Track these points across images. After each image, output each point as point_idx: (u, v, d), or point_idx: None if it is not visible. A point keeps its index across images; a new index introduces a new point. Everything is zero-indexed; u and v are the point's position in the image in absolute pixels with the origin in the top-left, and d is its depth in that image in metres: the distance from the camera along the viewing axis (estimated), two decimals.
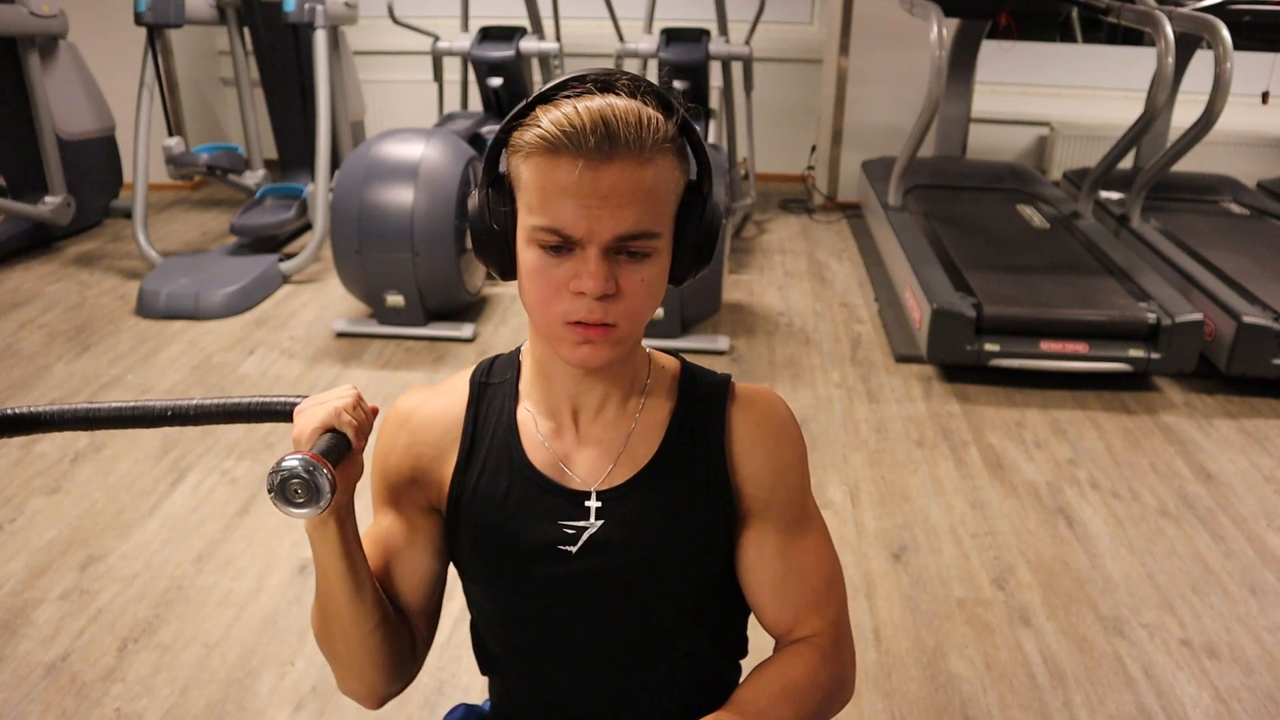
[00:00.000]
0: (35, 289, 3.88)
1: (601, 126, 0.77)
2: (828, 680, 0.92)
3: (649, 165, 0.79)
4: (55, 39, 4.25)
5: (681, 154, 0.83)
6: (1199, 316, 3.07)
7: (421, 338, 3.43)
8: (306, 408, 0.85)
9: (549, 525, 0.90)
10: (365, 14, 4.87)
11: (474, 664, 1.88)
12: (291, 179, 4.85)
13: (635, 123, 0.78)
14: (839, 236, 4.81)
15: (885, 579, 2.19)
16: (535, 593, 0.92)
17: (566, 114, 0.78)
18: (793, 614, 0.94)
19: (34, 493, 2.47)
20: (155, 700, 1.81)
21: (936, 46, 3.69)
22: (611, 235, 0.78)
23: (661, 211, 0.81)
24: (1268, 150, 5.18)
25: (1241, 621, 2.07)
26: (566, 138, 0.77)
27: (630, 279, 0.80)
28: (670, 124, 0.81)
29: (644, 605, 0.92)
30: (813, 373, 3.25)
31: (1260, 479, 2.63)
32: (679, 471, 0.91)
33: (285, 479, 0.77)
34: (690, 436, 0.92)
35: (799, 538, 0.94)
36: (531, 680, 0.98)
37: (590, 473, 0.91)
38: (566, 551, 0.89)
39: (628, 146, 0.77)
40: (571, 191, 0.77)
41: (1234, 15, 3.69)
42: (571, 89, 0.80)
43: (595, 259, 0.78)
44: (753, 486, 0.92)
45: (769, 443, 0.93)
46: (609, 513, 0.90)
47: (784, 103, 5.54)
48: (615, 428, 0.91)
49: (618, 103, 0.79)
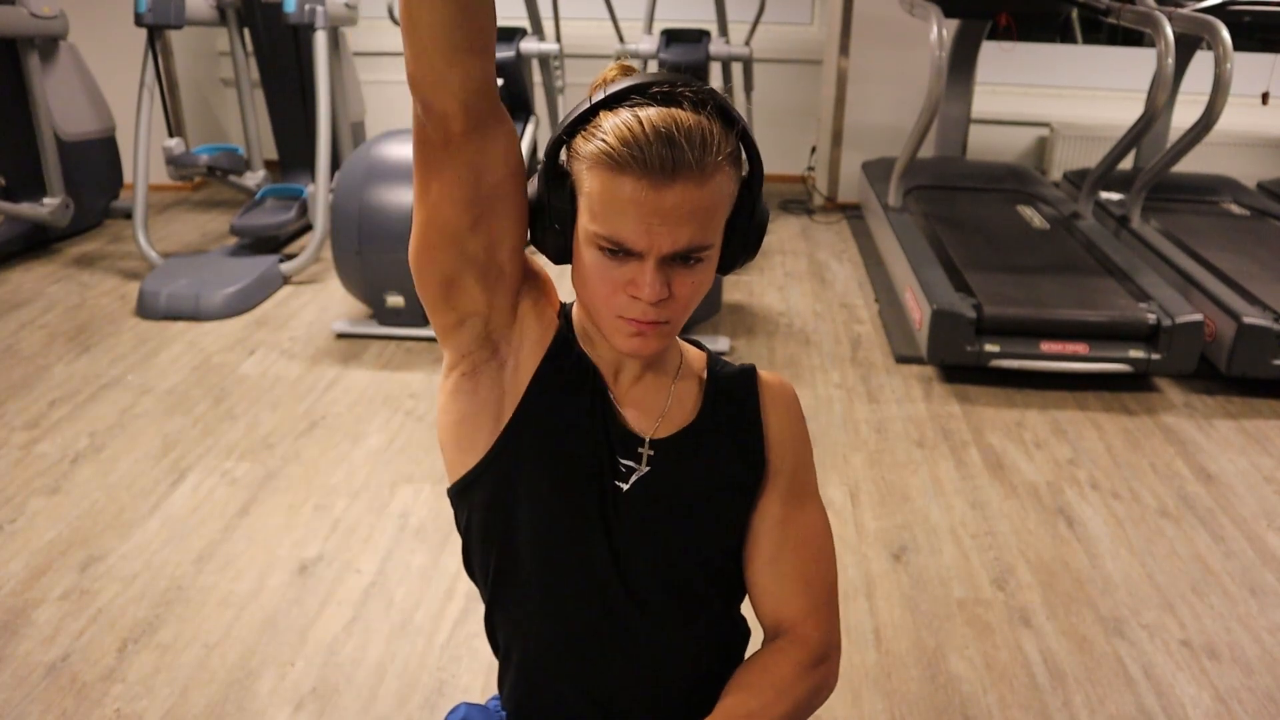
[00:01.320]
0: (36, 289, 3.88)
1: (666, 148, 0.78)
2: (812, 667, 0.95)
3: (709, 183, 0.81)
4: (55, 40, 4.25)
5: (737, 160, 0.85)
6: (1199, 317, 3.08)
7: (421, 338, 3.43)
8: None
9: (607, 453, 0.93)
10: (365, 15, 4.87)
11: (474, 664, 1.89)
12: (292, 180, 4.85)
13: (700, 142, 0.79)
14: (839, 237, 4.81)
15: (885, 579, 2.19)
16: (579, 511, 0.92)
17: (632, 129, 0.79)
18: (780, 587, 0.97)
19: (34, 493, 2.47)
20: (155, 700, 1.81)
21: (936, 47, 3.69)
22: (669, 250, 0.82)
23: (717, 224, 0.85)
24: (1268, 151, 5.18)
25: (1241, 622, 2.07)
26: (632, 157, 0.78)
27: (683, 283, 0.85)
28: (731, 137, 0.83)
29: (676, 560, 0.94)
30: (813, 373, 3.25)
31: (1260, 479, 2.63)
32: (720, 434, 0.97)
33: None
34: (727, 401, 0.98)
35: (798, 511, 0.99)
36: (551, 640, 0.97)
37: (639, 424, 0.95)
38: (619, 488, 0.93)
39: (690, 167, 0.79)
40: (633, 208, 0.80)
41: (1234, 16, 3.69)
42: (635, 97, 0.81)
43: (652, 269, 0.82)
44: (775, 455, 0.98)
45: (788, 416, 1.00)
46: (659, 460, 0.94)
47: (784, 103, 5.54)
48: (653, 393, 0.96)
49: (682, 118, 0.80)
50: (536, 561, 0.94)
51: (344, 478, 2.55)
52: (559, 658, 0.97)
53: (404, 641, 1.97)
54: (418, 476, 2.55)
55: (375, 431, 2.78)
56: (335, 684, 1.85)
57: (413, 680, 1.86)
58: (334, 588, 2.13)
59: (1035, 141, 5.43)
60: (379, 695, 1.83)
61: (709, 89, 0.82)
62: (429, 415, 2.86)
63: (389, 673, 1.89)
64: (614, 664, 0.96)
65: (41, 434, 2.75)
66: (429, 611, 2.06)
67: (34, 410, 2.89)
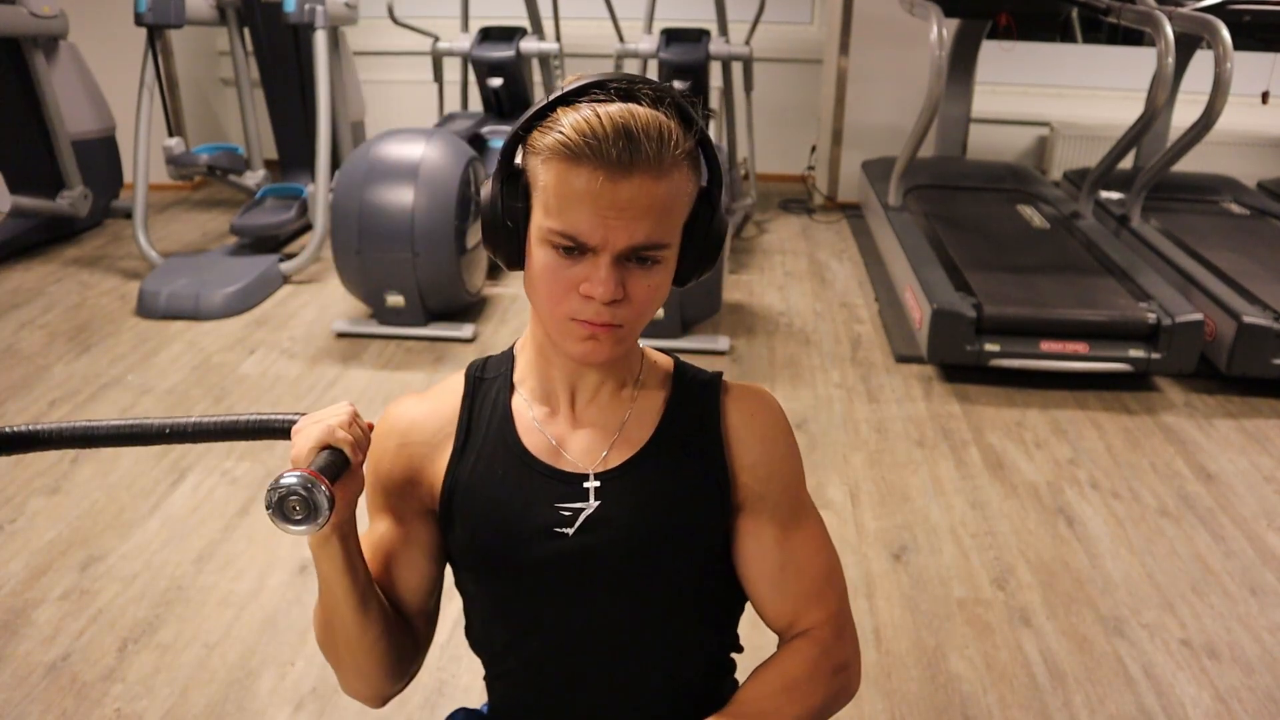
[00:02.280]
0: (36, 289, 3.88)
1: (624, 139, 0.77)
2: (830, 673, 0.93)
3: (666, 178, 0.80)
4: (55, 39, 4.25)
5: (696, 163, 0.84)
6: (1199, 316, 3.07)
7: (422, 338, 3.43)
8: (304, 426, 0.86)
9: (545, 509, 0.91)
10: (365, 14, 4.87)
11: (474, 664, 1.88)
12: (292, 179, 4.85)
13: (656, 136, 0.79)
14: (839, 237, 4.81)
15: (885, 579, 2.19)
16: (531, 577, 0.92)
17: (589, 121, 0.77)
18: (792, 606, 0.95)
19: (34, 493, 2.47)
20: (155, 700, 1.81)
21: (936, 46, 3.69)
22: (625, 245, 0.80)
23: (674, 222, 0.83)
24: (1268, 150, 5.18)
25: (1242, 621, 2.07)
26: (589, 147, 0.77)
27: (638, 284, 0.83)
28: (689, 137, 0.82)
29: (639, 588, 0.92)
30: (813, 373, 3.25)
31: (1260, 479, 2.63)
32: (675, 454, 0.92)
33: (283, 496, 0.78)
34: (685, 422, 0.93)
35: (796, 530, 0.95)
36: (529, 673, 0.98)
37: (586, 455, 0.92)
38: (563, 534, 0.90)
39: (647, 160, 0.78)
40: (589, 201, 0.78)
41: (1234, 15, 3.69)
42: (593, 94, 0.80)
43: (607, 266, 0.80)
44: (748, 476, 0.93)
45: (763, 434, 0.95)
46: (606, 493, 0.91)
47: (784, 103, 5.54)
48: (610, 412, 0.93)
49: (640, 112, 0.79)
50: (501, 619, 0.96)
51: None
52: (540, 688, 0.97)
53: None
54: None
55: None
56: (335, 684, 1.85)
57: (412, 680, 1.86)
58: None
59: (1035, 141, 5.43)
60: None
61: (668, 87, 0.82)
62: None
63: None
64: (596, 697, 0.96)
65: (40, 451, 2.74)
66: None
67: (34, 410, 2.88)
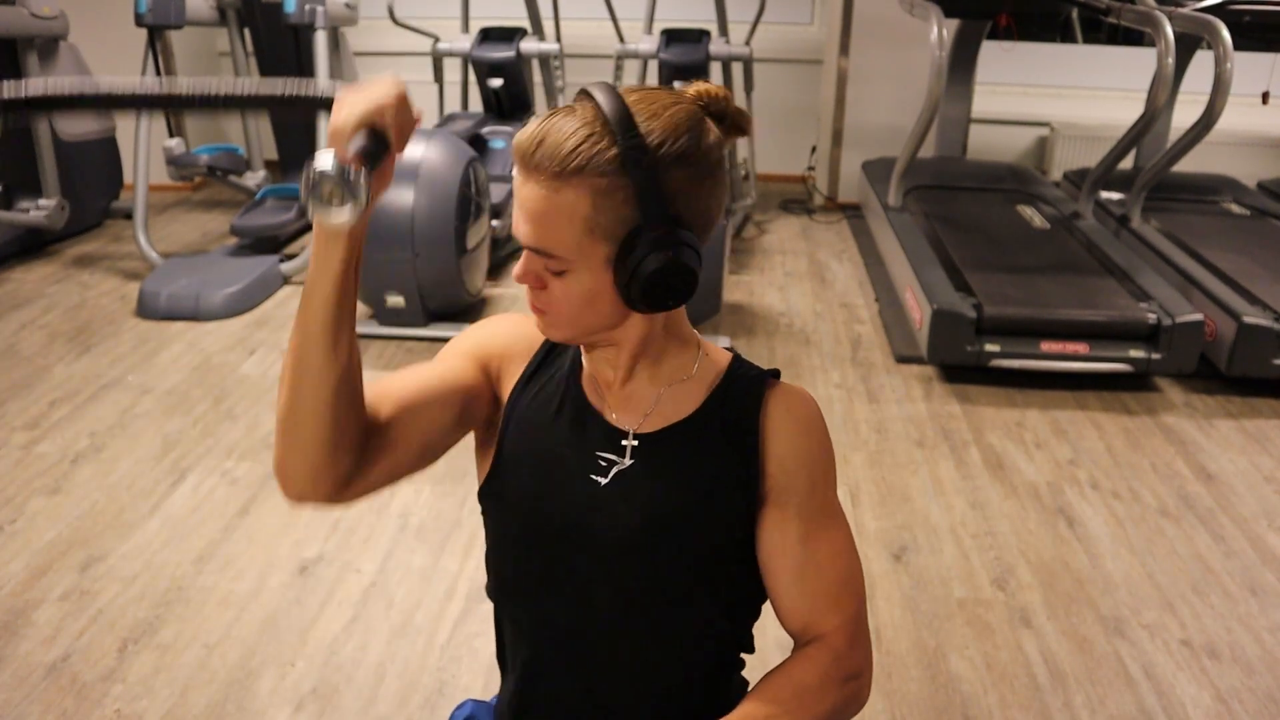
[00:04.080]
0: (36, 290, 3.88)
1: (531, 141, 0.83)
2: (840, 681, 0.93)
3: (556, 192, 0.82)
4: (56, 40, 4.25)
5: (621, 190, 0.82)
6: (1199, 317, 3.07)
7: (422, 338, 3.43)
8: (350, 99, 0.79)
9: (586, 454, 0.95)
10: (365, 15, 4.86)
11: (474, 664, 1.89)
12: (292, 180, 4.84)
13: (558, 144, 0.81)
14: (839, 237, 4.81)
15: (886, 579, 2.19)
16: (559, 516, 0.95)
17: (532, 123, 0.84)
18: (809, 606, 0.95)
19: (34, 493, 2.47)
20: (155, 701, 1.81)
21: (936, 47, 3.69)
22: (523, 241, 0.86)
23: (566, 238, 0.83)
24: (1268, 150, 5.18)
25: (1242, 622, 2.06)
26: (518, 144, 0.84)
27: (552, 285, 0.87)
28: (602, 159, 0.81)
29: (659, 554, 0.93)
30: (813, 373, 3.25)
31: (1260, 479, 2.63)
32: (713, 433, 0.95)
33: (318, 181, 0.74)
34: (727, 408, 0.96)
35: (820, 531, 0.95)
36: (542, 630, 0.98)
37: (629, 416, 0.96)
38: (596, 482, 0.94)
39: (541, 167, 0.82)
40: (515, 193, 0.86)
41: (1234, 15, 3.69)
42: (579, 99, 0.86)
43: (525, 255, 0.87)
44: (775, 467, 0.94)
45: (799, 430, 0.96)
46: (641, 453, 0.94)
47: (784, 103, 5.54)
48: (650, 390, 0.96)
49: (566, 122, 0.82)
50: (527, 569, 0.97)
51: None
52: (555, 664, 0.98)
53: (404, 642, 1.97)
54: (418, 477, 2.54)
55: None
56: (335, 684, 1.85)
57: (413, 680, 1.86)
58: (334, 588, 2.13)
59: (1035, 141, 5.43)
60: (379, 695, 1.83)
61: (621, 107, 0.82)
62: None
63: (389, 673, 1.89)
64: (609, 669, 0.96)
65: (42, 434, 2.75)
66: (429, 612, 2.06)
67: (34, 410, 2.88)
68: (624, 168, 0.81)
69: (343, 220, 0.76)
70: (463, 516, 2.39)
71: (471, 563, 2.21)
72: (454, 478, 2.51)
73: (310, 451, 0.86)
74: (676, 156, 0.83)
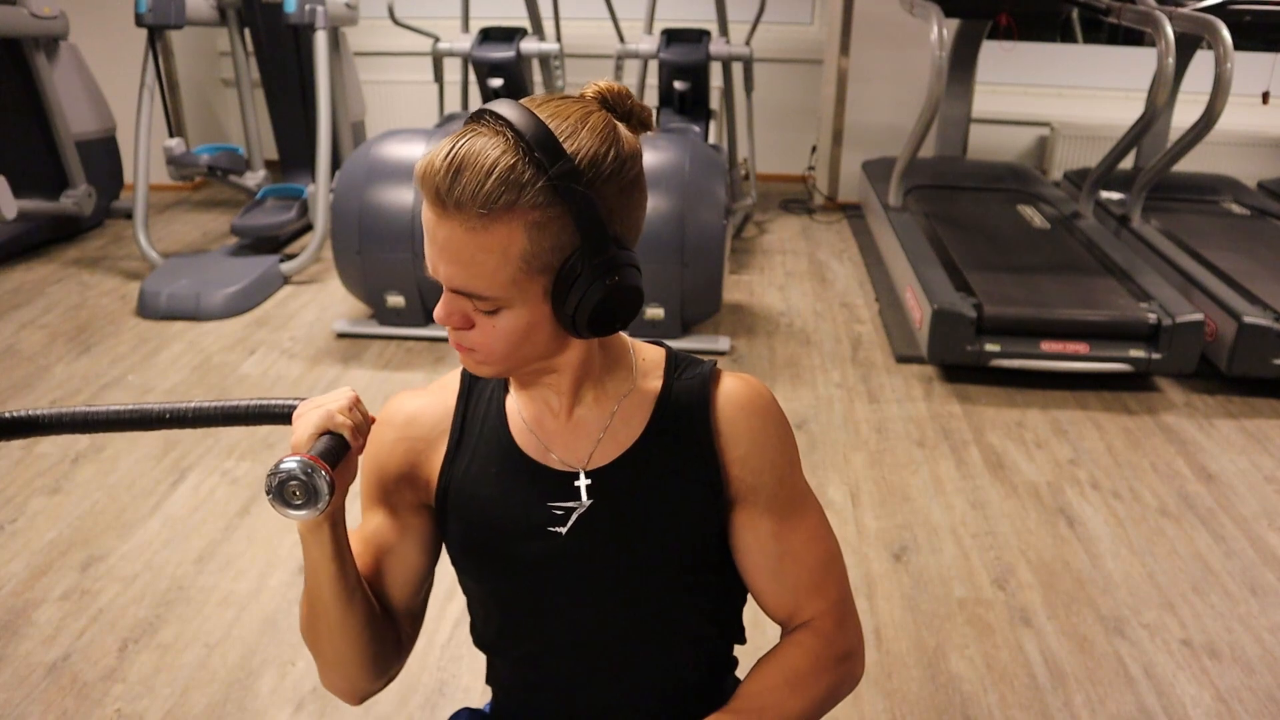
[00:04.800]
0: (36, 290, 3.88)
1: (444, 177, 0.74)
2: (833, 663, 0.93)
3: (483, 231, 0.75)
4: (56, 40, 4.25)
5: (555, 220, 0.76)
6: (1200, 317, 3.07)
7: (422, 338, 3.43)
8: (305, 411, 0.86)
9: (538, 508, 0.91)
10: (366, 15, 4.87)
11: (474, 664, 1.89)
12: (292, 180, 4.85)
13: (476, 183, 0.73)
14: (839, 237, 4.81)
15: (886, 579, 2.19)
16: (528, 576, 0.92)
17: (440, 149, 0.75)
18: (792, 596, 0.95)
19: (35, 493, 2.47)
20: (156, 700, 1.81)
21: (937, 47, 3.69)
22: (446, 284, 0.80)
23: (495, 279, 0.77)
24: (1268, 150, 5.18)
25: (1242, 621, 2.06)
26: (423, 175, 0.76)
27: (481, 323, 0.81)
28: (532, 190, 0.74)
29: (634, 585, 0.92)
30: (813, 373, 3.25)
31: (1261, 479, 2.63)
32: (666, 450, 0.91)
33: (284, 481, 0.79)
34: (675, 417, 0.92)
35: (792, 520, 0.94)
36: (531, 669, 0.99)
37: (576, 454, 0.91)
38: (556, 533, 0.90)
39: (462, 205, 0.74)
40: (426, 232, 0.79)
41: (1234, 15, 3.69)
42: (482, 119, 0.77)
43: (444, 297, 0.81)
44: (739, 469, 0.92)
45: (754, 425, 0.92)
46: (598, 491, 0.90)
47: (784, 103, 5.54)
48: (599, 410, 0.92)
49: (484, 153, 0.74)
50: (500, 615, 0.98)
51: None
52: (543, 690, 0.98)
53: None
54: None
55: None
56: None
57: (413, 680, 1.86)
58: None
59: (1036, 141, 5.43)
60: (379, 695, 1.83)
61: (539, 129, 0.75)
62: None
63: None
64: (596, 693, 0.96)
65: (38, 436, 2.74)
66: (429, 611, 2.05)
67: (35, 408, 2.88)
68: (557, 195, 0.75)
69: (305, 517, 0.81)
70: None
71: None
72: None
73: (353, 676, 0.94)
74: (608, 174, 0.78)
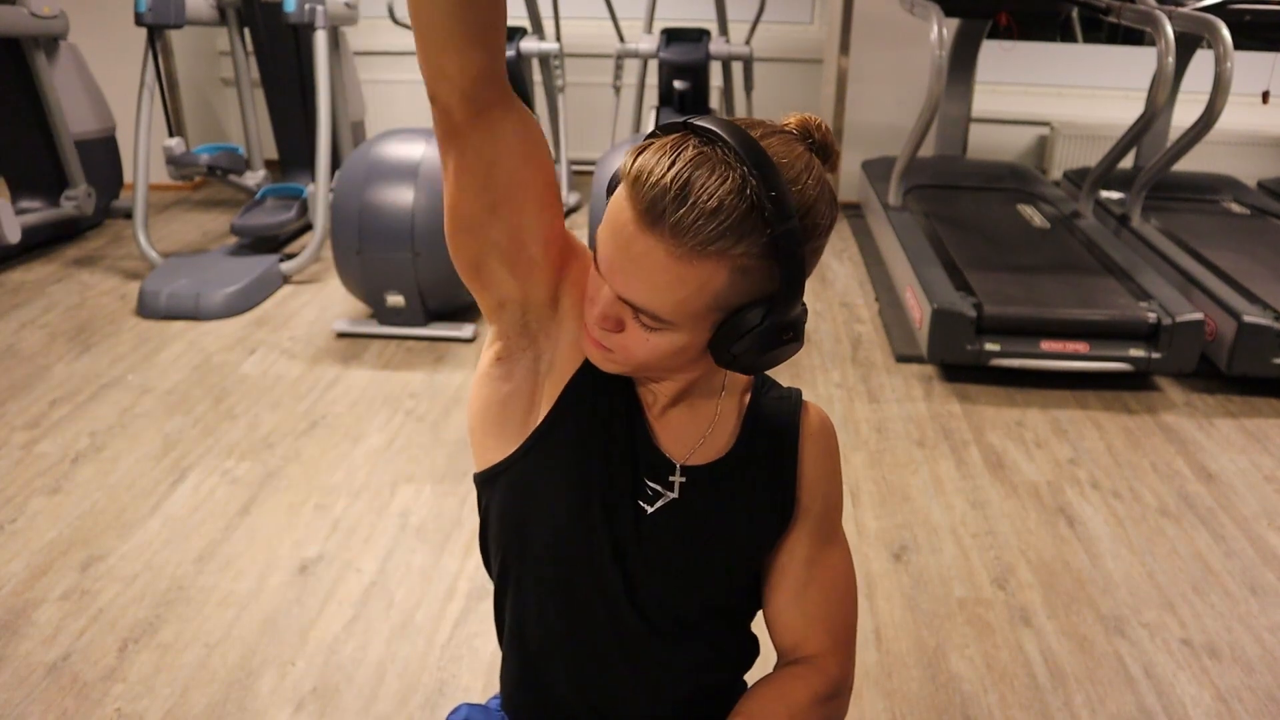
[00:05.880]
0: (36, 289, 3.88)
1: (661, 196, 0.71)
2: (826, 701, 0.94)
3: (689, 262, 0.73)
4: (56, 40, 4.25)
5: (757, 269, 0.75)
6: (1199, 316, 3.07)
7: (422, 338, 3.43)
8: None
9: (636, 476, 0.90)
10: (365, 14, 4.87)
11: (475, 664, 1.89)
12: (292, 179, 4.85)
13: (699, 217, 0.71)
14: (839, 236, 4.81)
15: (886, 579, 2.19)
16: (601, 526, 0.89)
17: (658, 161, 0.73)
18: (804, 625, 0.96)
19: (34, 493, 2.47)
20: (156, 700, 1.81)
21: (936, 46, 3.68)
22: (622, 294, 0.77)
23: (682, 308, 0.76)
24: (1268, 150, 5.18)
25: (1242, 621, 2.06)
26: (635, 182, 0.73)
27: (635, 333, 0.79)
28: (752, 240, 0.73)
29: (690, 585, 0.93)
30: (813, 372, 3.25)
31: (1261, 478, 2.63)
32: (754, 466, 0.93)
33: None
34: (766, 436, 0.94)
35: (826, 551, 0.96)
36: (548, 661, 0.97)
37: (676, 448, 0.92)
38: (643, 509, 0.90)
39: (671, 234, 0.72)
40: (614, 233, 0.76)
41: (1234, 15, 3.69)
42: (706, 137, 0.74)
43: (605, 298, 0.78)
44: (805, 492, 0.95)
45: (825, 454, 0.97)
46: (688, 489, 0.91)
47: (784, 103, 5.53)
48: (696, 416, 0.92)
49: (710, 187, 0.71)
50: (546, 568, 0.93)
51: (344, 477, 2.55)
52: (560, 660, 0.97)
53: (404, 641, 1.97)
54: (418, 476, 2.55)
55: (376, 431, 2.78)
56: (336, 684, 1.86)
57: (413, 680, 1.86)
58: (334, 587, 2.13)
59: (1035, 140, 5.43)
60: (379, 695, 1.83)
61: (770, 181, 0.72)
62: (429, 415, 2.86)
63: (389, 672, 1.89)
64: (614, 674, 0.96)
65: (42, 434, 2.75)
66: (429, 611, 2.06)
67: (34, 410, 2.89)
68: (773, 249, 0.74)
69: None
70: (463, 516, 2.39)
71: (472, 562, 2.21)
72: (454, 478, 2.51)
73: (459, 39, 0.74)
74: (819, 231, 0.77)
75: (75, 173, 4.28)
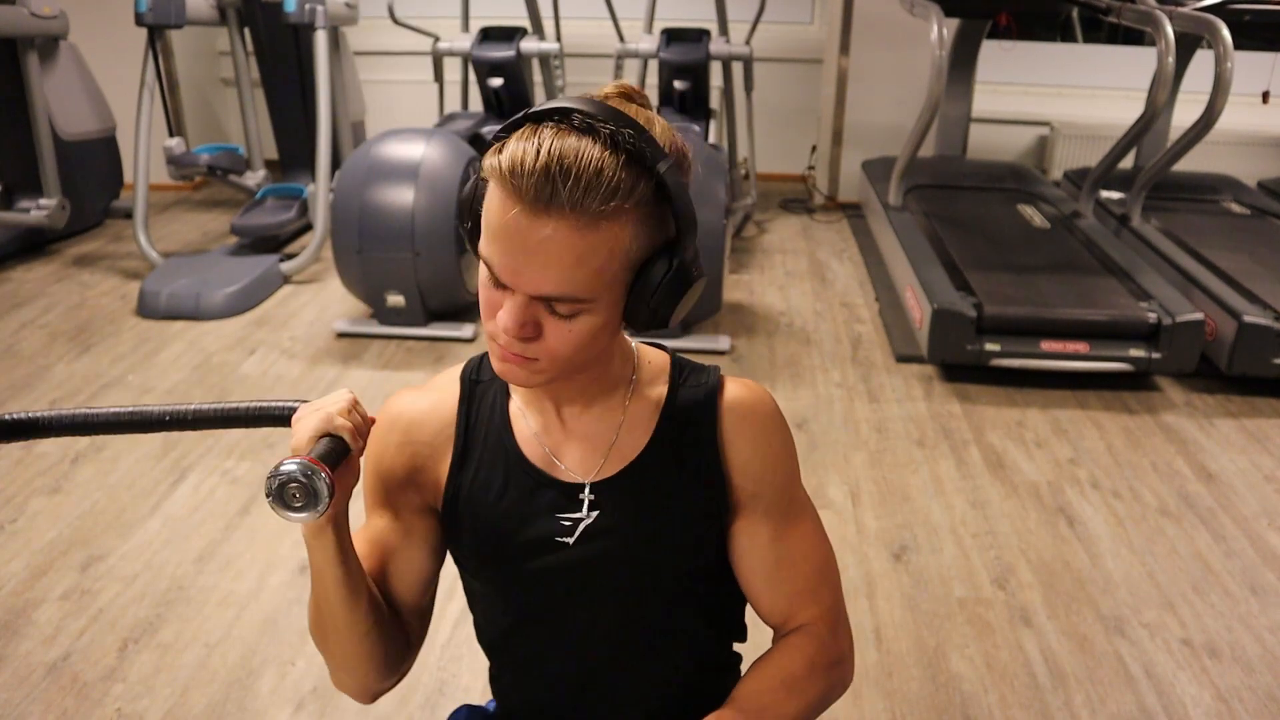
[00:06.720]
0: (36, 289, 3.88)
1: (544, 178, 0.71)
2: (827, 667, 0.94)
3: (592, 230, 0.73)
4: (56, 40, 4.25)
5: (652, 216, 0.77)
6: (1200, 316, 3.07)
7: (422, 338, 3.43)
8: (304, 414, 0.85)
9: (546, 519, 0.91)
10: (365, 14, 4.87)
11: (474, 664, 1.89)
12: (292, 179, 4.85)
13: (588, 181, 0.71)
14: (839, 236, 4.81)
15: (886, 579, 2.19)
16: (535, 585, 0.93)
17: (524, 149, 0.72)
18: (787, 602, 0.95)
19: (35, 493, 2.47)
20: (156, 700, 1.81)
21: (937, 46, 3.68)
22: (532, 292, 0.76)
23: (598, 279, 0.76)
24: (1268, 150, 5.18)
25: (1242, 621, 2.06)
26: (511, 176, 0.72)
27: (554, 329, 0.78)
28: (643, 186, 0.74)
29: (640, 592, 0.93)
30: (813, 373, 3.25)
31: (1261, 478, 2.63)
32: (670, 461, 0.91)
33: (283, 483, 0.78)
34: (680, 427, 0.92)
35: (790, 526, 0.95)
36: (535, 671, 0.99)
37: (582, 465, 0.91)
38: (564, 543, 0.91)
39: (569, 207, 0.72)
40: (504, 235, 0.74)
41: (1234, 15, 3.69)
42: (556, 118, 0.74)
43: (515, 304, 0.77)
44: (741, 476, 0.92)
45: (756, 433, 0.92)
46: (602, 504, 0.90)
47: (784, 103, 5.54)
48: (603, 421, 0.92)
49: (585, 153, 0.72)
50: (506, 620, 0.98)
51: None
52: (542, 682, 0.99)
53: None
54: None
55: None
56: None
57: (413, 680, 1.86)
58: None
59: (1036, 140, 5.43)
60: None
61: (636, 128, 0.74)
62: None
63: None
64: (598, 695, 0.97)
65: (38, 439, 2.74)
66: None
67: (35, 410, 2.88)
68: (662, 190, 0.76)
69: (305, 519, 0.79)
70: None
71: None
72: None
73: (363, 675, 0.95)
74: (687, 165, 0.80)
75: (52, 181, 4.15)
